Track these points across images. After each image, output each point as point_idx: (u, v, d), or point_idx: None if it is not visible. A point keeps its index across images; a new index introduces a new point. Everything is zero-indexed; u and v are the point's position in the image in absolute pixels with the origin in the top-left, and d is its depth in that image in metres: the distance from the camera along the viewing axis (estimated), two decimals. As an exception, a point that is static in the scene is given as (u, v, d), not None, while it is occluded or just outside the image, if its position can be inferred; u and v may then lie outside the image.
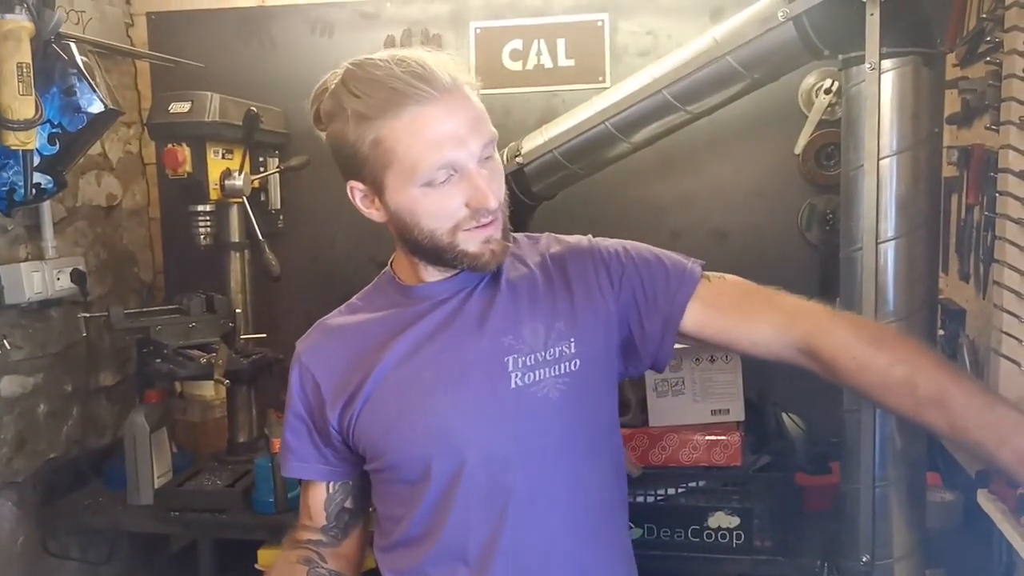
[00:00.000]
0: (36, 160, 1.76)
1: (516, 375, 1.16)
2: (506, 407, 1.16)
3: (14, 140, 1.64)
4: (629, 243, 1.29)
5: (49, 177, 1.82)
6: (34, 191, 1.79)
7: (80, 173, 2.27)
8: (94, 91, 1.78)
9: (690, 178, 2.31)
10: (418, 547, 1.21)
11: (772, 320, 1.22)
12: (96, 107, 1.78)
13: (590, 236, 1.32)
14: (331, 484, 1.30)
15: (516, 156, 1.99)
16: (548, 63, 2.31)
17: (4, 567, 2.00)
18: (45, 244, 2.10)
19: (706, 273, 1.27)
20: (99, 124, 1.83)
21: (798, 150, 2.06)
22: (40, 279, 2.03)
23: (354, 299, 1.32)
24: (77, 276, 2.13)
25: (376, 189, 1.17)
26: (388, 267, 1.29)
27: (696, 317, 1.22)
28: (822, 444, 2.04)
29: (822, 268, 2.18)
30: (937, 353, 1.18)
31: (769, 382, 2.08)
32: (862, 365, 1.16)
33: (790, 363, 1.22)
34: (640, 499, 1.87)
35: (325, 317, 1.32)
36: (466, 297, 1.21)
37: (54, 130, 1.77)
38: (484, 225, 1.14)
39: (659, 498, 1.86)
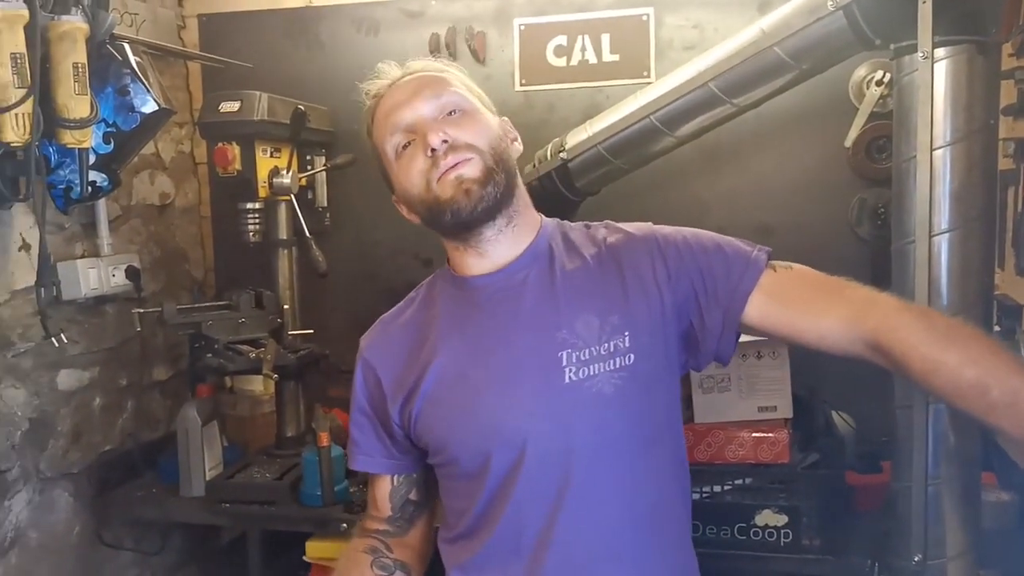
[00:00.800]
0: (91, 159, 1.80)
1: (570, 370, 1.15)
2: (560, 402, 1.15)
3: (70, 139, 1.68)
4: (690, 231, 1.27)
5: (104, 175, 1.86)
6: (90, 189, 1.83)
7: (134, 172, 2.32)
8: (147, 91, 1.82)
9: (735, 173, 2.28)
10: (476, 539, 1.22)
11: (840, 314, 1.16)
12: (149, 107, 1.82)
13: (651, 223, 1.29)
14: (395, 477, 1.33)
15: (560, 151, 1.98)
16: (592, 59, 2.30)
17: (61, 556, 2.06)
18: (101, 241, 2.15)
19: (772, 262, 1.24)
20: (152, 123, 1.87)
21: (849, 143, 2.02)
22: (96, 275, 2.08)
23: (413, 293, 1.34)
24: (132, 273, 2.17)
25: (394, 190, 1.26)
26: (445, 265, 1.31)
27: (759, 309, 1.19)
28: (872, 442, 2.01)
29: (873, 263, 2.14)
30: (1012, 352, 1.10)
31: (818, 379, 2.05)
32: (932, 366, 1.09)
33: (858, 358, 1.16)
34: (686, 496, 1.85)
35: (386, 313, 1.34)
36: (519, 290, 1.21)
37: (109, 129, 1.81)
38: (452, 167, 1.16)
39: (705, 495, 1.84)
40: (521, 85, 2.36)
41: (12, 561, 1.91)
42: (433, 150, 1.15)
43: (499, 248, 1.22)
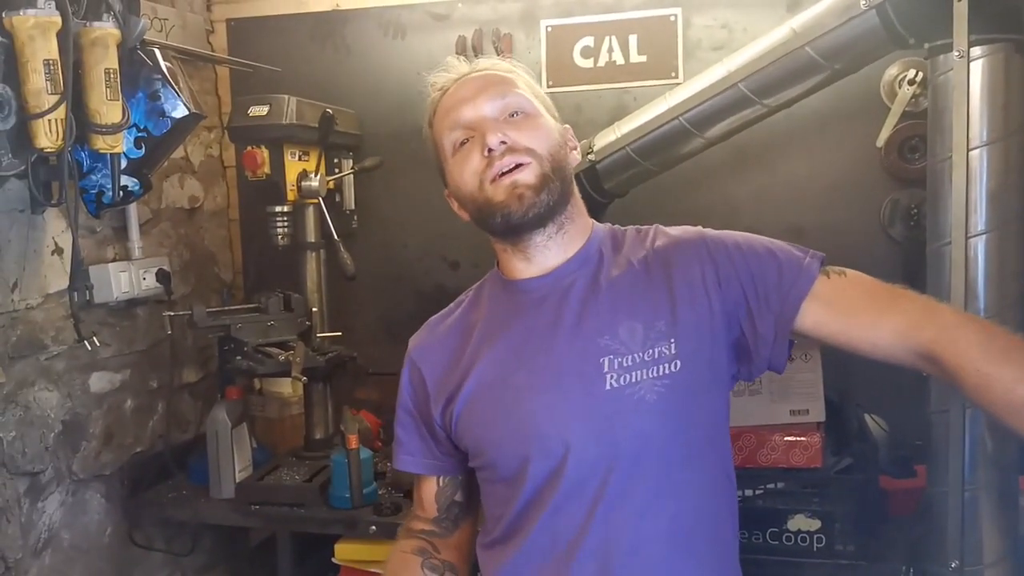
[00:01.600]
0: (123, 163, 1.82)
1: (611, 376, 1.14)
2: (600, 409, 1.14)
3: (102, 144, 1.70)
4: (741, 236, 1.25)
5: (135, 180, 1.88)
6: (121, 193, 1.85)
7: (164, 176, 2.34)
8: (178, 96, 1.84)
9: (765, 174, 2.26)
10: (510, 544, 1.22)
11: (895, 324, 1.15)
12: (180, 111, 1.83)
13: (700, 227, 1.28)
14: (441, 478, 1.33)
15: (588, 153, 1.97)
16: (620, 60, 2.29)
17: (93, 556, 2.08)
18: (132, 245, 2.17)
19: (826, 268, 1.21)
20: (182, 128, 1.88)
21: (881, 143, 1.99)
22: (127, 279, 2.10)
23: (463, 295, 1.35)
24: (162, 276, 2.19)
25: (447, 183, 1.25)
26: (495, 266, 1.31)
27: (812, 316, 1.17)
28: (906, 446, 1.98)
29: (905, 265, 2.11)
30: None
31: (851, 382, 2.02)
32: (986, 382, 1.08)
33: (912, 367, 1.16)
34: (716, 500, 1.84)
35: (435, 315, 1.35)
36: (565, 294, 1.20)
37: (140, 134, 1.83)
38: (508, 172, 1.15)
39: (737, 499, 1.82)
40: (548, 87, 2.35)
41: (46, 562, 1.93)
42: (490, 150, 1.15)
43: (547, 253, 1.22)
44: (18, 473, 1.86)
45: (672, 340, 1.15)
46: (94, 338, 1.89)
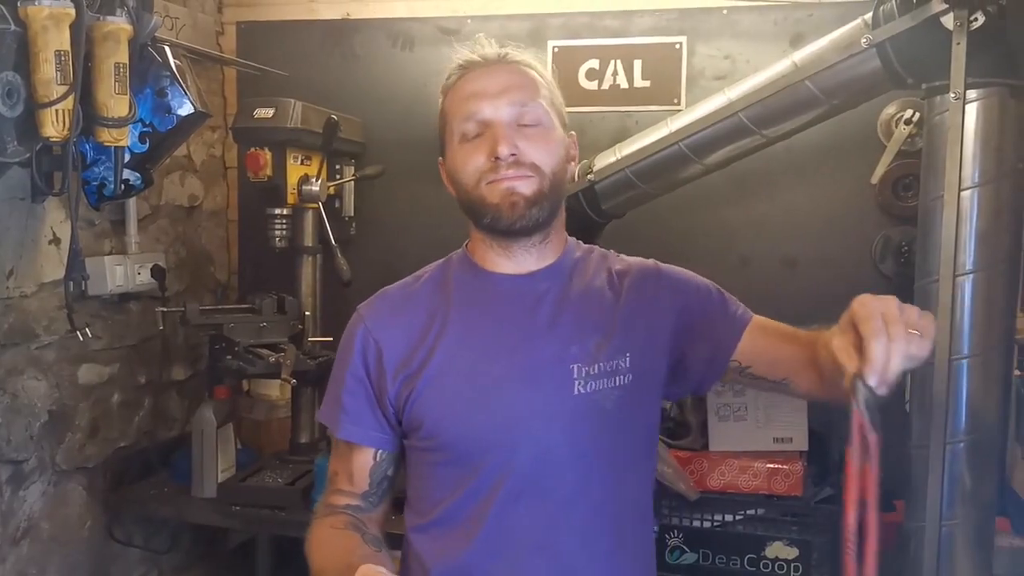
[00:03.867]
0: (126, 157, 1.84)
1: (579, 382, 1.19)
2: (568, 412, 1.19)
3: (108, 137, 1.71)
4: (692, 276, 1.34)
5: (138, 174, 1.89)
6: (123, 187, 1.86)
7: (165, 173, 2.36)
8: (185, 94, 1.85)
9: (762, 203, 2.29)
10: (459, 535, 1.22)
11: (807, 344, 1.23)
12: (186, 109, 1.85)
13: (655, 262, 1.35)
14: (379, 452, 1.29)
15: (588, 173, 2.00)
16: (624, 83, 2.32)
17: (71, 549, 2.07)
18: (129, 239, 2.18)
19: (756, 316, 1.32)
20: (188, 125, 1.90)
21: (875, 180, 2.03)
22: (122, 272, 2.11)
23: (421, 271, 1.34)
24: (157, 271, 2.20)
25: (444, 157, 1.26)
26: (463, 247, 1.31)
27: (751, 344, 1.26)
28: (886, 480, 1.99)
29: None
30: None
31: (835, 414, 2.03)
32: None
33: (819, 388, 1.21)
34: (696, 523, 1.85)
35: (389, 286, 1.34)
36: (540, 298, 1.24)
37: (145, 129, 1.84)
38: (508, 178, 1.17)
39: (716, 524, 1.84)
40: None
41: (24, 551, 1.93)
42: (498, 159, 1.17)
43: (527, 257, 1.25)
44: (1, 461, 1.86)
45: (627, 355, 1.22)
46: (87, 329, 1.89)
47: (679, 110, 2.17)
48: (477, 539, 1.20)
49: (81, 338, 1.89)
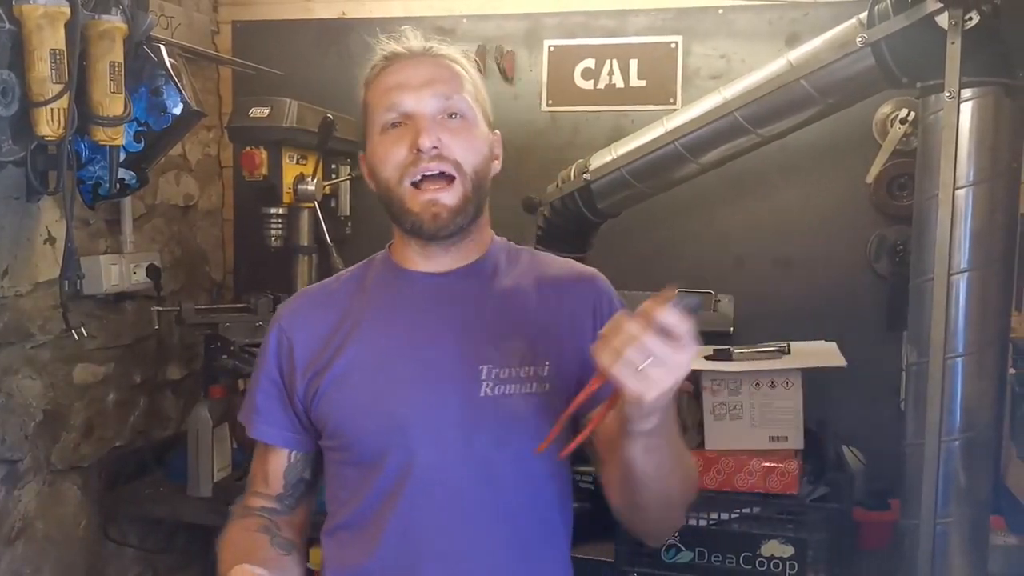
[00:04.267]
0: (121, 156, 1.84)
1: (487, 384, 1.15)
2: (472, 415, 1.15)
3: (103, 136, 1.71)
4: (621, 304, 1.27)
5: (133, 173, 1.89)
6: (118, 186, 1.86)
7: (160, 172, 2.35)
8: (180, 92, 1.85)
9: (757, 203, 2.29)
10: (360, 537, 1.19)
11: None
12: (181, 108, 1.84)
13: (594, 271, 1.29)
14: (294, 453, 1.27)
15: (584, 172, 2.00)
16: (620, 83, 2.33)
17: (66, 549, 2.07)
18: (124, 239, 2.18)
19: None
20: (183, 125, 1.90)
21: (870, 179, 2.04)
22: (118, 271, 2.10)
23: (344, 271, 1.32)
24: (152, 271, 2.20)
25: (365, 150, 1.23)
26: (386, 248, 1.29)
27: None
28: (881, 479, 2.01)
29: (890, 300, 2.14)
30: None
31: (830, 413, 2.05)
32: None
33: None
34: (692, 522, 1.85)
35: (311, 285, 1.33)
36: (456, 297, 1.20)
37: (140, 128, 1.84)
38: (432, 188, 1.13)
39: (711, 522, 1.84)
40: (548, 106, 2.39)
41: (18, 551, 1.92)
42: (420, 150, 1.13)
43: (447, 257, 1.22)
44: (-4, 460, 1.86)
45: (547, 363, 1.17)
46: (82, 328, 1.89)
47: (675, 110, 2.17)
48: (377, 543, 1.17)
49: (76, 337, 1.89)
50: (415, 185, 1.14)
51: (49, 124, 1.58)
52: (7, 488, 1.89)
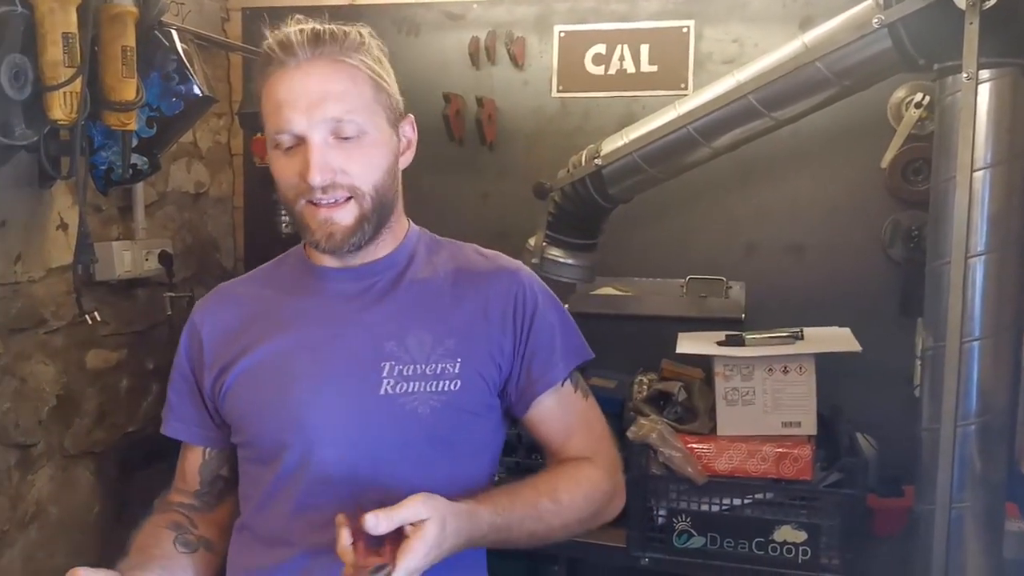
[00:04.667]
0: (134, 142, 1.83)
1: (388, 382, 1.12)
2: (369, 413, 1.12)
3: (115, 120, 1.71)
4: (548, 300, 1.22)
5: (145, 159, 1.89)
6: (131, 171, 1.86)
7: (171, 160, 2.35)
8: (192, 78, 1.85)
9: (768, 190, 2.28)
10: (254, 536, 1.18)
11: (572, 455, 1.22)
12: (193, 93, 1.84)
13: (519, 264, 1.24)
14: (207, 450, 1.25)
15: (595, 157, 1.99)
16: (631, 68, 2.31)
17: (80, 534, 2.07)
18: (136, 225, 2.18)
19: (575, 378, 1.23)
20: (194, 110, 1.90)
21: (885, 164, 2.02)
22: (130, 258, 2.10)
23: (260, 268, 1.30)
24: (164, 257, 2.20)
25: (266, 158, 1.18)
26: (301, 243, 1.24)
27: (536, 413, 1.20)
28: (895, 466, 2.00)
29: (904, 286, 2.13)
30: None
31: (843, 399, 2.04)
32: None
33: None
34: (704, 507, 1.85)
35: (227, 282, 1.30)
36: (363, 292, 1.18)
37: (152, 113, 1.84)
38: (327, 205, 1.09)
39: (724, 508, 1.84)
40: (558, 91, 2.38)
41: (32, 536, 1.93)
42: (309, 186, 1.08)
43: (355, 256, 1.18)
44: (10, 444, 1.87)
45: (458, 360, 1.14)
46: (95, 313, 1.89)
47: (686, 95, 2.16)
48: (271, 544, 1.16)
49: (90, 321, 1.89)
50: (311, 203, 1.10)
51: (62, 108, 1.57)
52: (21, 473, 1.90)
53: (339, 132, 1.09)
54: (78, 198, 1.79)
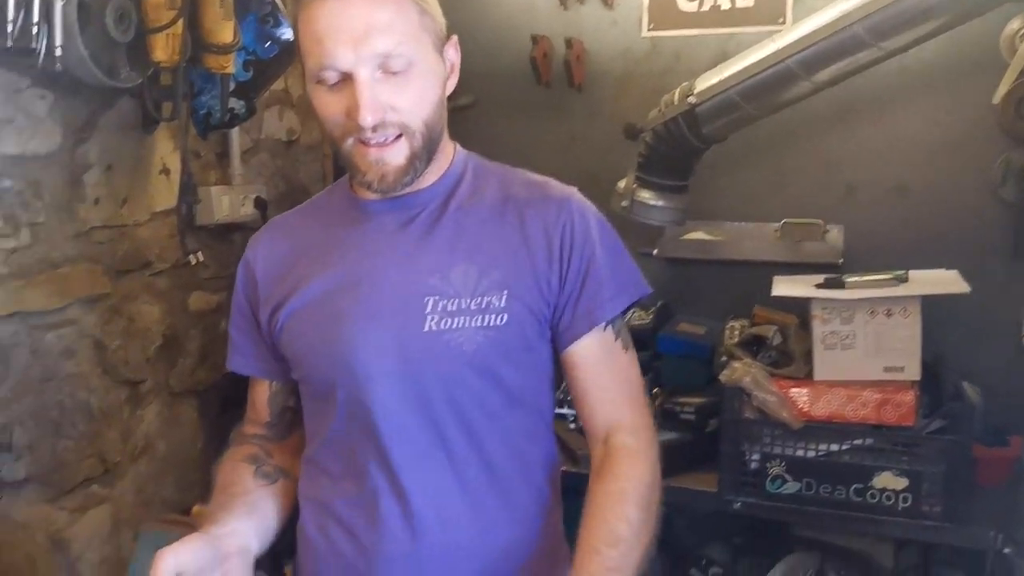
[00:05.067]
0: (231, 85, 1.87)
1: (432, 318, 1.09)
2: (413, 349, 1.10)
3: (214, 63, 1.74)
4: (600, 232, 1.17)
5: (242, 102, 1.92)
6: (228, 115, 1.89)
7: (264, 107, 2.39)
8: (285, 22, 1.86)
9: (870, 128, 2.19)
10: (323, 471, 1.19)
11: (602, 416, 1.18)
12: (288, 36, 1.86)
13: (571, 192, 1.18)
14: (273, 383, 1.26)
15: (689, 95, 1.94)
16: (725, 4, 2.23)
17: (185, 468, 2.16)
18: (232, 171, 2.23)
19: (618, 326, 1.18)
20: (289, 54, 1.91)
21: (997, 100, 1.92)
22: (228, 202, 2.15)
23: (312, 199, 1.28)
24: (259, 203, 2.24)
25: (305, 80, 1.11)
26: (346, 175, 1.20)
27: (576, 356, 1.16)
28: (1001, 416, 1.93)
29: (1017, 228, 2.03)
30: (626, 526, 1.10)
31: (948, 348, 1.97)
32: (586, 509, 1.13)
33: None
34: (800, 453, 1.81)
35: (280, 215, 1.29)
36: (406, 224, 1.14)
37: (248, 57, 1.86)
38: (377, 144, 1.05)
39: (820, 454, 1.80)
40: (648, 30, 2.32)
41: (142, 467, 2.02)
42: (359, 127, 1.04)
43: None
44: (121, 381, 1.95)
45: (504, 292, 1.10)
46: (199, 254, 1.95)
47: (784, 30, 2.08)
48: (336, 478, 1.17)
49: (193, 262, 1.95)
50: (361, 141, 1.06)
51: (165, 50, 1.61)
52: (131, 408, 1.99)
53: (387, 67, 1.04)
54: (180, 141, 1.83)
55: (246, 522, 1.13)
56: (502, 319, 1.09)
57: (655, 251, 2.33)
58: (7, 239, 1.66)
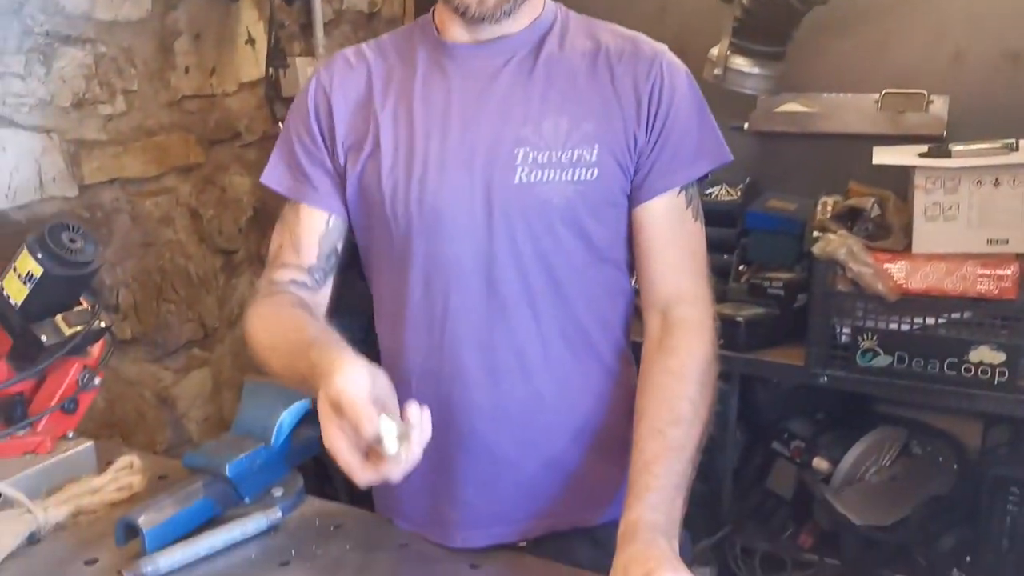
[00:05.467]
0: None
1: (523, 170, 1.05)
2: (503, 201, 1.06)
3: (299, -74, 1.70)
4: (689, 91, 1.11)
5: (326, -32, 1.89)
6: (313, -19, 1.87)
7: (347, -23, 2.36)
8: None
9: (981, -10, 2.05)
10: (399, 325, 1.14)
11: (651, 288, 1.13)
12: None
13: (663, 48, 1.12)
14: (332, 218, 1.15)
15: (791, -48, 1.83)
16: None
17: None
18: (316, 43, 2.21)
19: (687, 193, 1.12)
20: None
21: None
22: (312, 73, 2.15)
23: (387, 36, 1.20)
24: (343, 75, 2.23)
25: None
26: (430, 13, 1.14)
27: (642, 214, 1.11)
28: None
29: None
30: (688, 409, 1.04)
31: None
32: (639, 392, 1.08)
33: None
34: (893, 326, 1.78)
35: (351, 47, 1.20)
36: (498, 71, 1.09)
37: (332, -81, 1.82)
38: None
39: (915, 327, 1.76)
40: None
41: (237, 334, 2.10)
42: None
43: (491, 28, 1.09)
44: (216, 250, 2.01)
45: (596, 146, 1.06)
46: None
47: None
48: (414, 332, 1.12)
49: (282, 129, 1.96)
50: None
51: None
52: (226, 276, 2.05)
53: None
54: (265, 10, 1.82)
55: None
56: (592, 174, 1.06)
57: (746, 125, 2.26)
58: (104, 105, 1.69)
